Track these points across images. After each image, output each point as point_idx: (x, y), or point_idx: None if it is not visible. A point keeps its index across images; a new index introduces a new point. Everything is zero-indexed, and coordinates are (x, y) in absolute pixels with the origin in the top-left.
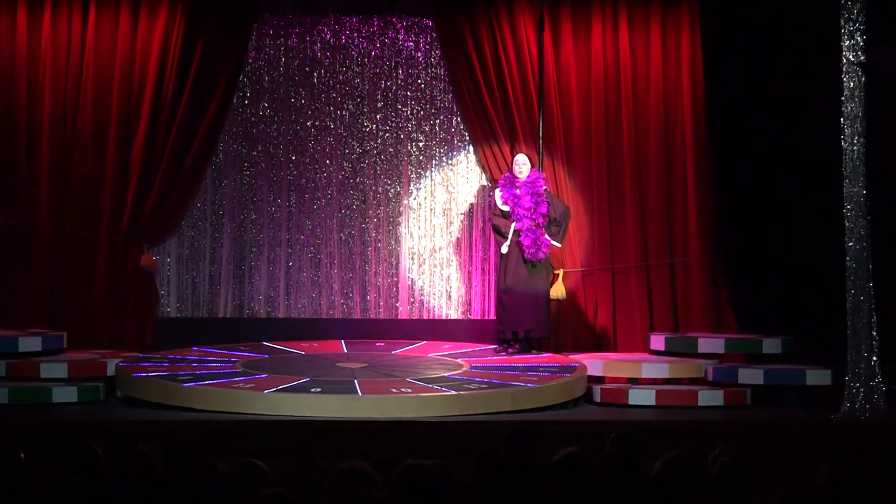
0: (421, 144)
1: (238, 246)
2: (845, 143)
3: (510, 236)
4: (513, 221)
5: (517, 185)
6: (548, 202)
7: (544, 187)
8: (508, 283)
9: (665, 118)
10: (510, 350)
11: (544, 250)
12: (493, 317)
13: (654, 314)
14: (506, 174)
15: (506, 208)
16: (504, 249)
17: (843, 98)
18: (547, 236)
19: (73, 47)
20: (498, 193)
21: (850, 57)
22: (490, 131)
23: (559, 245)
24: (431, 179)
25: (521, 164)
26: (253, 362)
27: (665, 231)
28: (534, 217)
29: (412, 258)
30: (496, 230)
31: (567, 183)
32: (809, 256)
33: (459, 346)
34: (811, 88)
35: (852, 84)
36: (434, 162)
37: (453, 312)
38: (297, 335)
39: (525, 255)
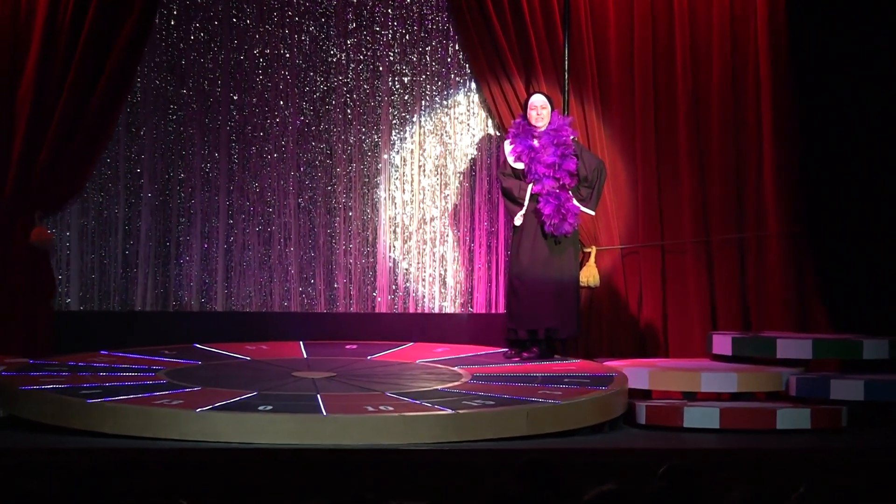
0: (406, 80)
1: (161, 216)
2: None
3: (526, 203)
4: (529, 183)
5: (534, 134)
6: (576, 156)
7: (572, 137)
8: (524, 266)
9: (733, 45)
10: (525, 355)
11: (571, 221)
12: (502, 311)
13: (718, 306)
14: (518, 120)
15: (519, 166)
16: (518, 221)
17: None
18: (575, 202)
19: None
20: (508, 146)
21: None
22: (499, 61)
23: (592, 213)
24: (420, 127)
25: (540, 108)
26: (181, 371)
27: (732, 196)
28: (557, 176)
29: (394, 232)
30: (506, 195)
31: (601, 132)
32: None
33: (457, 349)
34: None
35: None
36: (424, 103)
37: (449, 305)
38: (240, 335)
39: (546, 229)
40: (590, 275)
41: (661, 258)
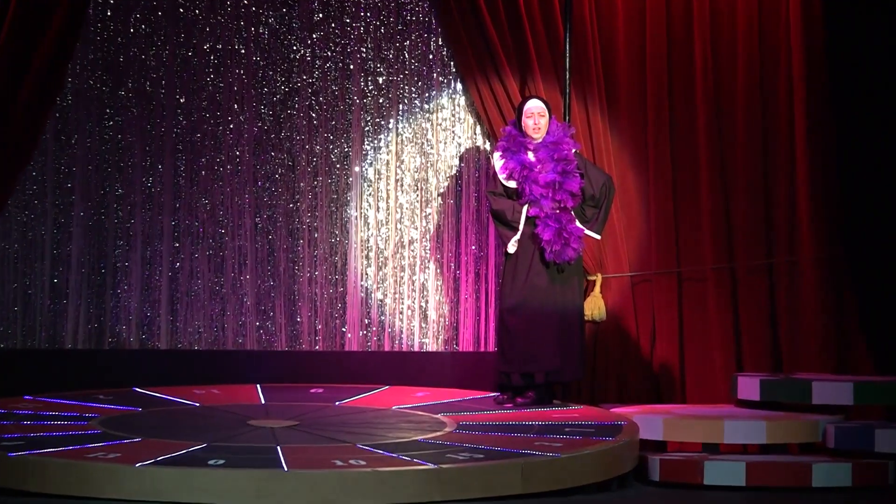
0: (381, 80)
1: (96, 238)
2: None
3: (521, 228)
4: (524, 204)
5: (530, 147)
6: (580, 172)
7: (574, 150)
8: (518, 298)
9: (761, 41)
10: (520, 400)
11: (575, 246)
12: (492, 349)
13: (743, 343)
14: (509, 129)
15: (512, 184)
16: (511, 248)
17: None
18: (579, 223)
19: None
20: (498, 161)
21: None
22: (490, 58)
23: (597, 237)
24: (397, 134)
25: (537, 116)
26: (118, 419)
27: (760, 214)
28: (557, 198)
29: (367, 257)
30: (497, 218)
31: (608, 141)
32: None
33: (440, 393)
34: None
35: None
36: (401, 107)
37: (430, 342)
38: (187, 377)
39: (546, 256)
40: (595, 307)
41: (677, 287)
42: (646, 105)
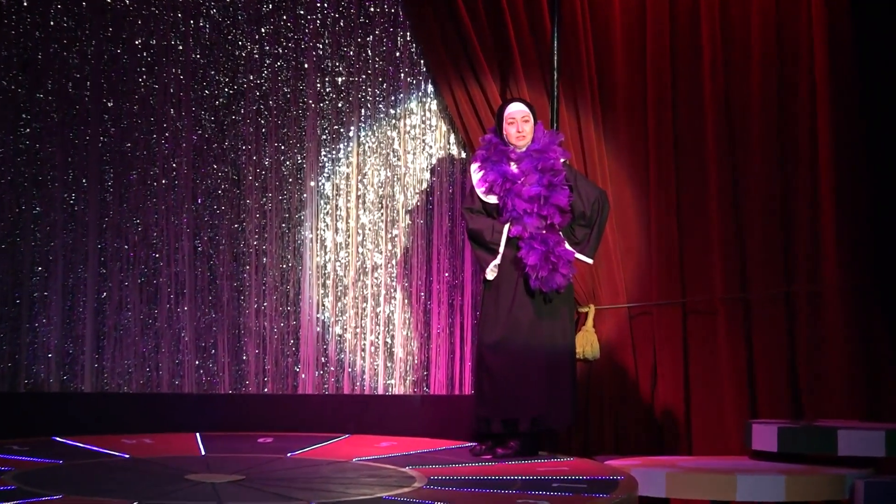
0: (340, 81)
1: (9, 263)
2: None
3: (501, 249)
4: (505, 223)
5: (512, 156)
6: (569, 185)
7: (563, 160)
8: (499, 333)
9: (778, 37)
10: (500, 451)
11: (564, 272)
12: (469, 392)
13: (758, 385)
14: (489, 137)
15: (492, 199)
16: (490, 274)
17: None
18: (568, 246)
19: None
20: (476, 173)
21: None
22: (465, 56)
23: (590, 261)
24: (359, 144)
25: (521, 120)
26: (36, 474)
27: (778, 237)
28: (543, 213)
29: (324, 286)
30: (474, 239)
31: (602, 151)
32: None
33: (408, 443)
34: None
35: None
36: (364, 112)
37: (397, 383)
38: (115, 424)
39: (531, 284)
40: (587, 343)
41: (682, 320)
42: (646, 110)
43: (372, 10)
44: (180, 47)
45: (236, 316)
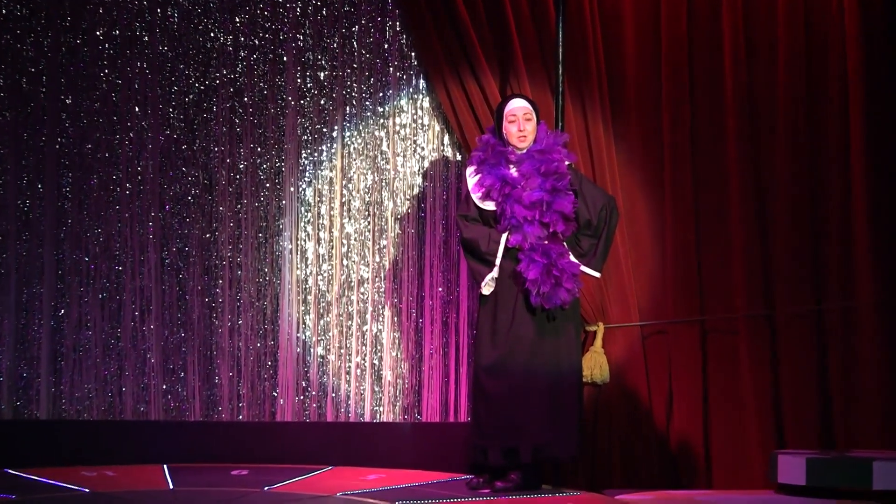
0: (323, 76)
1: None
2: None
3: (498, 261)
4: (504, 232)
5: (512, 159)
6: (574, 191)
7: (567, 162)
8: (498, 355)
9: (807, 28)
10: (499, 485)
11: (569, 287)
12: (465, 419)
13: (785, 411)
14: (486, 137)
15: (489, 206)
16: (486, 289)
17: None
18: (573, 257)
19: None
20: (473, 176)
21: None
22: (461, 49)
23: (597, 275)
24: (343, 145)
25: (522, 118)
26: None
27: (807, 247)
28: (546, 221)
29: (305, 302)
30: (469, 249)
31: (611, 153)
32: None
33: (398, 476)
34: None
35: None
36: (349, 110)
37: (385, 410)
38: (74, 454)
39: (532, 300)
40: (595, 365)
41: (700, 340)
42: (660, 108)
43: None
44: (146, 38)
45: (208, 335)
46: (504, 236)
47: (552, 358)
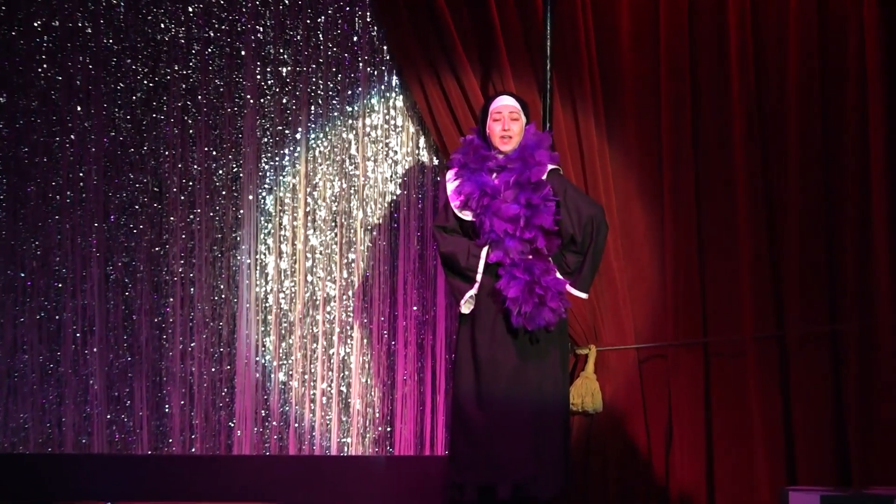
0: (285, 71)
1: None
2: None
3: (478, 277)
4: (483, 245)
5: (495, 163)
6: (558, 199)
7: (551, 167)
8: (477, 380)
9: (820, 14)
10: None
11: (554, 306)
12: (441, 452)
13: (797, 443)
14: (469, 138)
15: (467, 216)
16: (465, 307)
17: None
18: (559, 275)
19: None
20: (451, 183)
21: None
22: (438, 42)
23: (583, 295)
24: (308, 149)
25: (507, 118)
26: None
27: (821, 262)
28: (527, 236)
29: (264, 322)
30: (448, 264)
31: (604, 156)
32: None
33: None
34: None
35: None
36: (314, 110)
37: (354, 441)
38: (9, 491)
39: (513, 321)
40: (586, 393)
41: (703, 365)
42: (659, 108)
43: None
44: (89, 30)
45: (157, 359)
46: (484, 250)
47: (535, 385)
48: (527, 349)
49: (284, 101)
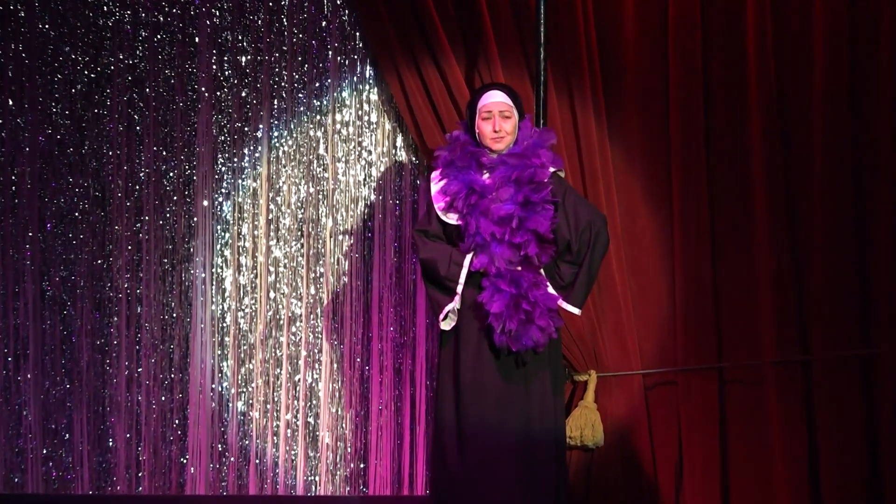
0: (245, 60)
1: None
2: None
3: (460, 288)
4: (468, 252)
5: (484, 161)
6: (555, 203)
7: (553, 169)
8: (458, 408)
9: (851, 7)
10: None
11: (543, 324)
12: (422, 491)
13: (822, 479)
14: (456, 133)
15: (452, 219)
16: (445, 323)
17: None
18: (551, 289)
19: None
20: (436, 181)
21: None
22: (418, 27)
23: (576, 311)
24: (271, 148)
25: (498, 115)
26: None
27: (849, 276)
28: (517, 241)
29: (221, 344)
30: (428, 273)
31: (605, 155)
32: None
33: None
34: None
35: None
36: (278, 104)
37: (324, 479)
38: None
39: (496, 340)
40: (587, 424)
41: (717, 392)
42: (667, 101)
43: None
44: (22, 14)
45: (99, 387)
46: (468, 258)
47: (522, 414)
48: (512, 373)
49: (244, 94)
